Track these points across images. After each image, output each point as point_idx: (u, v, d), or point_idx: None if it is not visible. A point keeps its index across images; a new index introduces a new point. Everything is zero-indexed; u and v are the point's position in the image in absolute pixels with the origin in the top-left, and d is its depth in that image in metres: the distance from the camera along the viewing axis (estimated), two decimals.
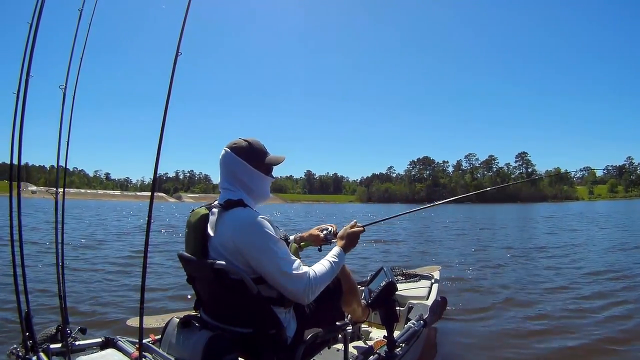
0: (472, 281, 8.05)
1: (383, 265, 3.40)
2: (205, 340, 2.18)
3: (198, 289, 2.53)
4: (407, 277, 5.26)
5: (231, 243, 2.21)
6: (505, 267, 9.79)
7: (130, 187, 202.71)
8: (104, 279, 7.63)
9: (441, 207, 42.93)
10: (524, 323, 5.48)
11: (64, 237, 2.99)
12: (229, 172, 2.42)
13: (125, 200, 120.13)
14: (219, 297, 2.39)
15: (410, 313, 4.09)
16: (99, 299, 6.05)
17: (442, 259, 10.81)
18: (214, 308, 2.47)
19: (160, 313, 4.36)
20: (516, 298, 6.72)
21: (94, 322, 4.92)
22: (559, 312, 5.88)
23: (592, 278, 8.25)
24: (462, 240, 16.43)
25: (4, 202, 2.64)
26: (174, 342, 2.33)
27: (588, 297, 6.74)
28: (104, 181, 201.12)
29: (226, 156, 2.41)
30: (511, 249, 13.15)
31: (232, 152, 2.40)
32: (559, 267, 9.61)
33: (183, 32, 2.13)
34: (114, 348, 2.59)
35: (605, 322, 5.42)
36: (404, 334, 3.48)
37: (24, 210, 2.55)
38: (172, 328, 2.39)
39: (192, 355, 2.18)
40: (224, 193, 2.41)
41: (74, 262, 9.30)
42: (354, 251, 2.71)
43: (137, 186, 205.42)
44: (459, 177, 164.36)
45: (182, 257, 2.41)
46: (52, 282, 6.26)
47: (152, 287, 6.72)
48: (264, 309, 2.29)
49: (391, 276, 3.23)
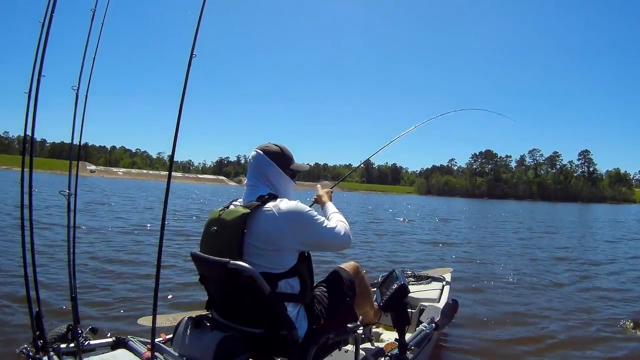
0: (493, 288, 7.61)
1: (395, 268, 3.38)
2: (217, 341, 2.18)
3: (210, 289, 2.57)
4: (419, 279, 5.23)
5: (277, 231, 2.30)
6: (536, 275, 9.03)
7: (192, 170, 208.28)
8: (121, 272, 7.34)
9: (504, 204, 42.01)
10: (538, 332, 5.30)
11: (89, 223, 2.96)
12: (259, 172, 2.55)
13: (186, 182, 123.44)
14: (231, 297, 2.42)
15: (421, 315, 4.04)
16: (113, 294, 5.97)
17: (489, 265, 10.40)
18: (226, 308, 2.50)
19: (172, 312, 4.37)
20: (542, 315, 6.06)
21: (105, 319, 4.91)
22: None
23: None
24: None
25: (52, 179, 2.65)
26: (186, 342, 2.34)
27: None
28: (166, 163, 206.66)
29: (258, 157, 2.56)
30: (565, 260, 11.21)
31: (264, 154, 2.55)
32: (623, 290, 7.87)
33: (197, 34, 2.12)
34: (125, 348, 2.59)
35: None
36: (415, 337, 3.46)
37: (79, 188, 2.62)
38: (184, 328, 2.40)
39: (203, 356, 2.19)
40: (252, 190, 2.51)
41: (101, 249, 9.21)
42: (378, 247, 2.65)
43: (199, 169, 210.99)
44: (521, 172, 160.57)
45: (196, 256, 2.44)
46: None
47: (169, 285, 6.50)
48: (276, 310, 2.30)
49: (403, 279, 3.21)
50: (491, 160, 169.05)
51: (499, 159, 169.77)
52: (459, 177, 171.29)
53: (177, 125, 2.10)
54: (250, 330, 2.36)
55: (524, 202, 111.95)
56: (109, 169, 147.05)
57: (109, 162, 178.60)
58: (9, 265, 6.86)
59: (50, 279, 6.13)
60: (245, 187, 2.58)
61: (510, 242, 15.18)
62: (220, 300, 2.54)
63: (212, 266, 2.33)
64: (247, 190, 2.55)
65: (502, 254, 11.76)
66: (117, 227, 13.25)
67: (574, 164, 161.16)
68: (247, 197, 2.50)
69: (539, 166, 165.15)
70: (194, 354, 2.26)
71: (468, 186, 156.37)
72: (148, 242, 10.51)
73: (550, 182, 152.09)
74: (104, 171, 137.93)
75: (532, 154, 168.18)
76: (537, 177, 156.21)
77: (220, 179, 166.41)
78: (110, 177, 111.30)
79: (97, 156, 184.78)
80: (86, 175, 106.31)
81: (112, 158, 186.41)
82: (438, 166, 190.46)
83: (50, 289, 5.63)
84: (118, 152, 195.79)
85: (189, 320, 2.42)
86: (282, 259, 2.35)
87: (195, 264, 2.50)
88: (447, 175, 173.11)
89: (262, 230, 2.30)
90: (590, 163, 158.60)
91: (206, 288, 2.58)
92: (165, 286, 6.25)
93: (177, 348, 2.39)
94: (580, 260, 10.80)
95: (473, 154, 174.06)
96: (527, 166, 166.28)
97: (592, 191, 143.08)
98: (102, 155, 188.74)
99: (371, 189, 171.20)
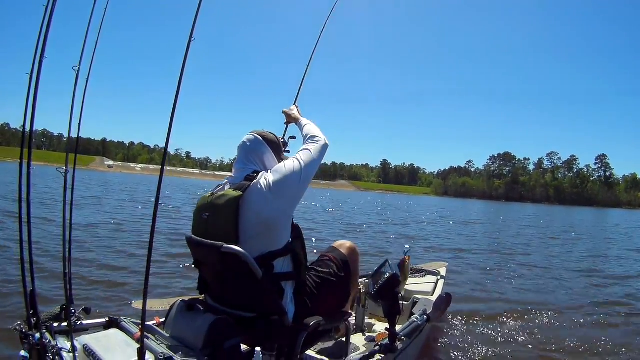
0: (493, 286, 7.60)
1: (388, 258, 3.39)
2: (209, 324, 2.19)
3: (204, 273, 2.58)
4: (414, 272, 5.26)
5: (270, 207, 2.31)
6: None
7: (209, 167, 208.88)
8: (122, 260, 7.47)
9: (523, 207, 41.33)
10: (532, 329, 5.30)
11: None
12: (254, 154, 2.57)
13: (203, 179, 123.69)
14: (224, 281, 2.44)
15: (414, 308, 4.06)
16: (110, 279, 6.09)
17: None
18: (219, 292, 2.53)
19: (167, 297, 4.42)
20: (534, 310, 6.09)
21: (99, 300, 5.02)
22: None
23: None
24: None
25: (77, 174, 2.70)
26: (178, 325, 2.37)
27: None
28: (184, 159, 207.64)
29: (256, 140, 2.60)
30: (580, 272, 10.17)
31: (262, 139, 2.60)
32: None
33: (197, 18, 2.10)
34: (118, 328, 2.60)
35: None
36: (406, 328, 3.47)
37: (92, 182, 2.68)
38: (177, 311, 2.43)
39: (195, 338, 2.20)
40: (241, 172, 2.51)
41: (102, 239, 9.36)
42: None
43: (217, 166, 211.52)
44: (539, 175, 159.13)
45: (190, 240, 2.46)
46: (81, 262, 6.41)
47: (162, 271, 6.61)
48: (267, 294, 2.32)
49: (395, 269, 3.21)
50: (509, 162, 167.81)
51: (517, 162, 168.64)
52: (476, 178, 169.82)
53: (171, 118, 2.06)
54: (242, 314, 2.39)
55: (541, 205, 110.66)
56: (126, 165, 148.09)
57: (127, 157, 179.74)
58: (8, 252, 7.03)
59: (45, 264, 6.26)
60: (234, 171, 2.58)
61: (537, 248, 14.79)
62: (213, 284, 2.55)
63: (206, 250, 2.33)
64: (235, 173, 2.54)
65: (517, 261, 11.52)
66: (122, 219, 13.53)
67: (590, 168, 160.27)
68: (236, 179, 2.48)
69: (556, 169, 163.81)
70: (186, 336, 2.27)
71: (485, 188, 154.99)
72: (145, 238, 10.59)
73: (567, 186, 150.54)
74: (121, 167, 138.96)
75: (550, 157, 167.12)
76: (554, 181, 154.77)
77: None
78: (128, 173, 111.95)
79: (115, 152, 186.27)
80: (104, 171, 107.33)
81: (130, 154, 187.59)
82: (455, 167, 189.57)
83: (45, 273, 5.75)
84: (136, 148, 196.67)
85: (181, 303, 2.44)
86: (277, 238, 2.37)
87: (190, 247, 2.51)
88: (465, 176, 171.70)
89: (256, 212, 2.30)
90: (607, 167, 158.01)
91: (200, 272, 2.59)
92: (161, 270, 6.46)
93: (169, 330, 2.40)
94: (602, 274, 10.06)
95: (491, 156, 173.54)
96: (545, 169, 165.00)
97: (608, 196, 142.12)
98: (120, 151, 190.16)
99: (387, 189, 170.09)
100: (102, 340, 2.36)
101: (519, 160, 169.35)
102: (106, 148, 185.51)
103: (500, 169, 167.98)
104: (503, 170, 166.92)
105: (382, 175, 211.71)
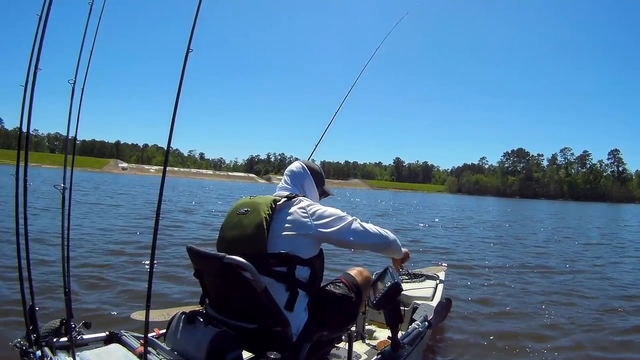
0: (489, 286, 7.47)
1: (389, 265, 3.33)
2: (210, 337, 2.19)
3: (205, 284, 2.59)
4: (412, 277, 5.24)
5: (303, 220, 2.45)
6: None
7: (223, 167, 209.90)
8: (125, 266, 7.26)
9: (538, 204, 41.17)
10: (534, 331, 5.24)
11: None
12: (298, 180, 2.83)
13: (217, 180, 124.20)
14: (226, 292, 2.44)
15: (414, 313, 4.04)
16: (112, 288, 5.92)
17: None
18: (220, 303, 2.53)
19: (166, 307, 4.38)
20: (536, 312, 5.98)
21: (99, 314, 4.89)
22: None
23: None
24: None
25: (88, 176, 2.67)
26: (179, 338, 2.36)
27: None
28: (197, 160, 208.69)
29: (302, 169, 2.86)
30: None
31: (307, 168, 2.87)
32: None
33: (194, 29, 2.08)
34: (118, 343, 2.60)
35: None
36: (408, 335, 3.46)
37: (108, 185, 2.64)
38: (177, 323, 2.42)
39: (196, 352, 2.20)
40: (282, 192, 2.72)
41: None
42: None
43: (230, 166, 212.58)
44: (553, 171, 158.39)
45: (191, 250, 2.45)
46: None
47: (161, 279, 6.46)
48: (269, 306, 2.30)
49: (397, 277, 3.16)
50: (523, 159, 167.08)
51: (531, 158, 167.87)
52: (490, 175, 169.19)
53: (173, 119, 2.07)
54: (244, 325, 2.37)
55: (555, 202, 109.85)
56: (140, 167, 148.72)
57: (141, 159, 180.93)
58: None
59: (44, 274, 6.08)
60: (278, 188, 2.80)
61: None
62: (214, 294, 2.56)
63: (208, 261, 2.34)
64: (278, 190, 2.77)
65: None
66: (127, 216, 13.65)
67: (603, 163, 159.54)
68: (277, 193, 2.70)
69: (570, 165, 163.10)
70: (187, 349, 2.27)
71: (499, 185, 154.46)
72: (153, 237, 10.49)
73: (581, 181, 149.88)
74: (135, 169, 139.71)
75: (564, 153, 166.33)
76: (567, 177, 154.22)
77: (250, 176, 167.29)
78: (142, 175, 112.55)
79: (129, 154, 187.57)
80: (118, 173, 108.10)
81: (144, 156, 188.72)
82: (469, 164, 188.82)
83: (45, 285, 5.57)
84: (150, 149, 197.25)
85: (182, 315, 2.42)
86: (304, 247, 2.43)
87: (190, 258, 2.51)
88: (478, 173, 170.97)
89: (289, 217, 2.44)
90: (620, 162, 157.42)
91: (201, 283, 2.59)
92: (161, 278, 6.36)
93: (170, 343, 2.40)
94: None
95: (505, 152, 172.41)
96: (559, 165, 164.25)
97: (621, 191, 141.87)
98: (134, 153, 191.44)
99: (401, 187, 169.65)
100: (103, 356, 2.38)
101: (532, 156, 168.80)
102: (120, 150, 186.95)
103: (514, 165, 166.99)
104: (517, 166, 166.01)
105: (395, 173, 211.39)
